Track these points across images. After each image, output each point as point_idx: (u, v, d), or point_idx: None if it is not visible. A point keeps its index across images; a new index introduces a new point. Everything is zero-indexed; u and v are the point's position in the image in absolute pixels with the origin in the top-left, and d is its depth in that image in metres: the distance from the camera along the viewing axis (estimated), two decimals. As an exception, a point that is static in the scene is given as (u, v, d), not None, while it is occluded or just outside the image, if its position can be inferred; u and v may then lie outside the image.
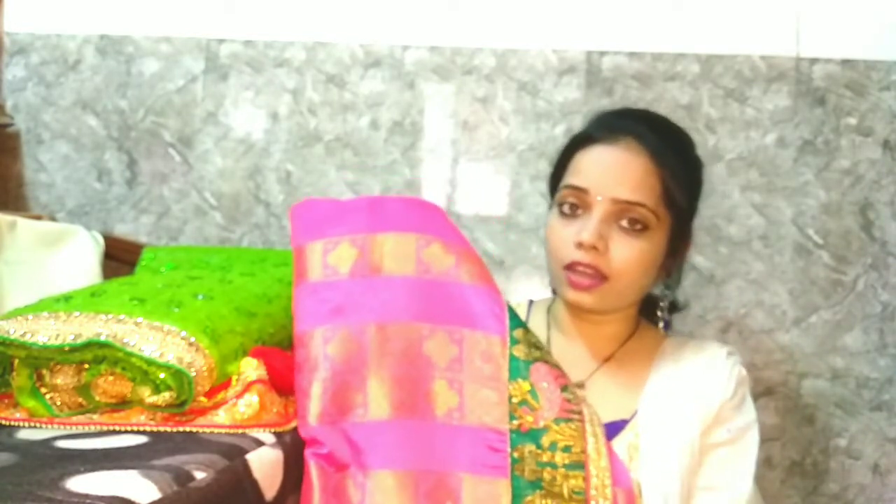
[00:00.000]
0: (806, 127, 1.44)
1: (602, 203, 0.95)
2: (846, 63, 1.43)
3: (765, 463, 1.40)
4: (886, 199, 1.41)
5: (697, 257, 1.43)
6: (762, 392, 1.41)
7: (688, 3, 1.47)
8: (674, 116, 1.41)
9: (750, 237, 1.44)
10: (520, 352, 0.89)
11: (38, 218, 1.39)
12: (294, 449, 0.81)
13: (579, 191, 0.97)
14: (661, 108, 1.44)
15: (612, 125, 1.00)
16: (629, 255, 0.94)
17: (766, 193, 1.44)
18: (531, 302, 1.13)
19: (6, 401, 0.81)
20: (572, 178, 0.99)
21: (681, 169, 0.99)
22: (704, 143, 1.44)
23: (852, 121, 1.42)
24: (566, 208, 0.98)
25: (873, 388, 1.40)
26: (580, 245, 0.94)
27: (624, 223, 0.95)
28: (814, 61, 1.44)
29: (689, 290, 1.39)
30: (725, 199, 1.44)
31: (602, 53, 1.49)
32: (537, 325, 1.05)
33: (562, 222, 0.98)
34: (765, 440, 1.38)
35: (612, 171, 0.96)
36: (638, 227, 0.95)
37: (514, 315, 0.92)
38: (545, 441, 0.85)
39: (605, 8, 1.49)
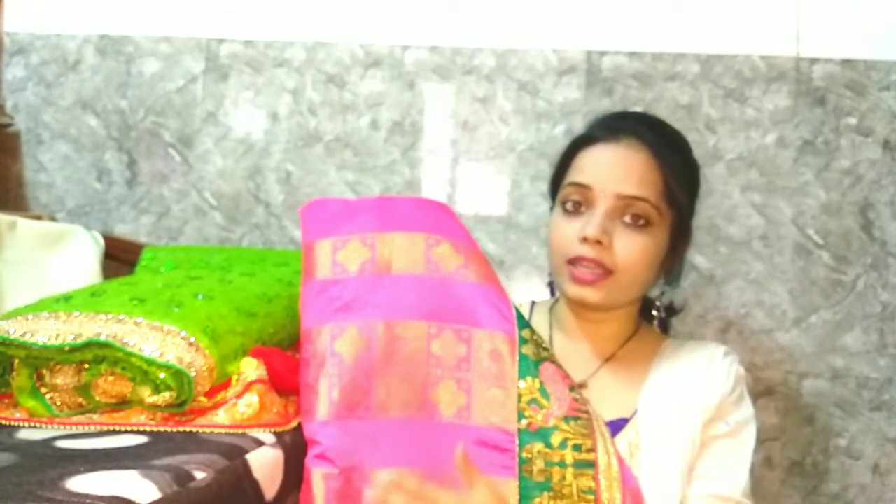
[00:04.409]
0: (806, 127, 1.44)
1: (606, 199, 0.96)
2: (846, 63, 1.43)
3: (765, 463, 1.40)
4: (886, 199, 1.41)
5: (697, 257, 1.43)
6: (762, 392, 1.41)
7: (688, 3, 1.47)
8: (674, 116, 1.43)
9: (750, 237, 1.44)
10: (529, 351, 0.89)
11: (38, 218, 1.39)
12: (294, 449, 0.81)
13: (583, 188, 0.97)
14: (661, 108, 1.45)
15: (613, 125, 1.02)
16: (633, 250, 0.95)
17: (766, 193, 1.44)
18: (533, 303, 1.14)
19: (6, 401, 0.81)
20: (575, 175, 1.00)
21: (681, 167, 1.01)
22: (704, 143, 1.44)
23: (852, 121, 1.42)
24: (569, 206, 0.99)
25: (873, 388, 1.40)
26: (585, 240, 0.95)
27: (627, 219, 0.96)
28: (814, 61, 1.44)
29: (689, 290, 1.39)
30: (725, 199, 1.44)
31: (602, 53, 1.49)
32: (539, 326, 1.05)
33: (565, 219, 0.99)
34: (765, 440, 1.39)
35: (615, 168, 0.97)
36: (641, 222, 0.96)
37: (521, 315, 0.92)
38: (555, 440, 0.85)
39: (605, 8, 1.49)
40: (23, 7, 1.62)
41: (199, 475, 0.65)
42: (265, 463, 0.75)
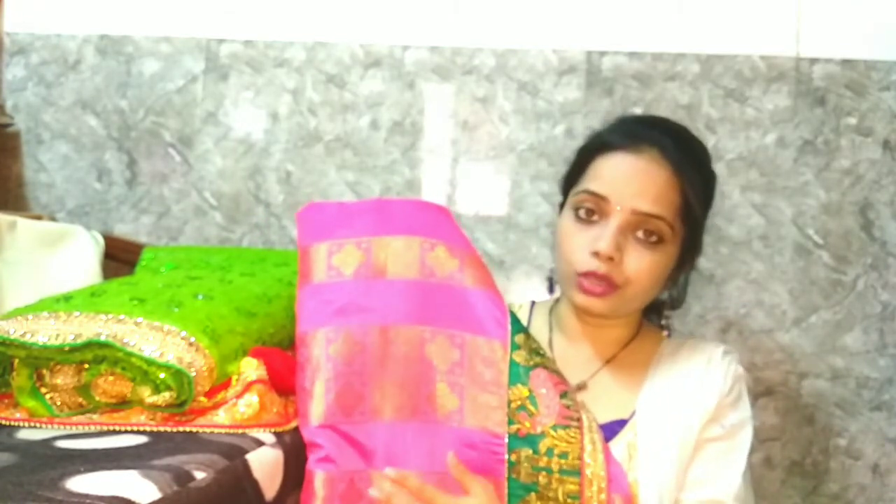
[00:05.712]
0: (806, 127, 1.44)
1: (621, 213, 0.93)
2: (846, 63, 1.43)
3: (765, 463, 1.40)
4: (886, 199, 1.41)
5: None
6: (762, 392, 1.41)
7: (688, 3, 1.47)
8: (674, 116, 1.42)
9: (750, 237, 1.44)
10: (520, 357, 0.89)
11: (38, 218, 1.39)
12: (294, 449, 0.82)
13: (598, 198, 0.95)
14: (661, 109, 1.45)
15: (635, 133, 0.98)
16: (641, 267, 0.94)
17: (766, 193, 1.44)
18: (533, 303, 1.13)
19: (6, 401, 0.81)
20: (592, 183, 0.96)
21: (700, 183, 0.98)
22: (704, 143, 1.43)
23: (852, 121, 1.42)
24: (582, 213, 0.96)
25: (873, 388, 1.40)
26: (596, 254, 0.93)
27: (640, 234, 0.94)
28: (814, 61, 1.44)
29: (689, 290, 1.39)
30: (725, 199, 1.44)
31: (602, 53, 1.49)
32: (539, 327, 1.05)
33: (577, 227, 0.96)
34: (765, 440, 1.39)
35: (634, 181, 0.94)
36: (653, 238, 0.94)
37: (515, 320, 0.92)
38: (542, 447, 0.86)
39: (605, 8, 1.49)
40: (23, 7, 1.63)
41: (199, 475, 0.65)
42: (265, 463, 0.75)
